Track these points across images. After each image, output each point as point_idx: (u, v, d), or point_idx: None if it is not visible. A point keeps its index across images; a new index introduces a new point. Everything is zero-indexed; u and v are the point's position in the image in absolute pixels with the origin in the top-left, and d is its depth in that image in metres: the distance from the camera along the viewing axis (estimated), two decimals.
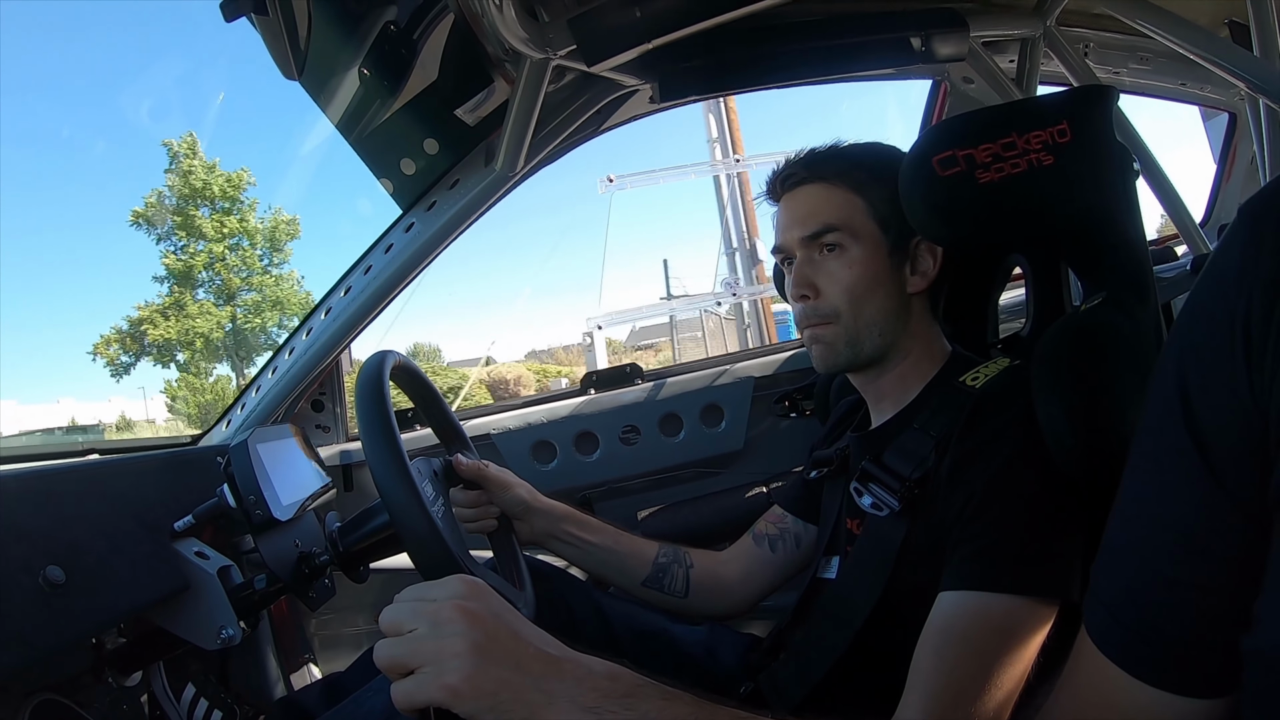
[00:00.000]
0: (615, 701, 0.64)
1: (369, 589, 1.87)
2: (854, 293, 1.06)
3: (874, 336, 1.07)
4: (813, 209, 1.09)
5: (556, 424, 1.91)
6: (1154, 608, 0.49)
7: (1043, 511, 0.88)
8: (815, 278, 1.08)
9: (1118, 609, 0.51)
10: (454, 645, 0.64)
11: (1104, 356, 0.91)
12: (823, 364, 1.11)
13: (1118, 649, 0.51)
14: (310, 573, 1.20)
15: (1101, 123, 1.08)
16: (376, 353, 1.04)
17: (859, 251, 1.06)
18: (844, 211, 1.07)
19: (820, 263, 1.08)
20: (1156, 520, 0.49)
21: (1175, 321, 0.49)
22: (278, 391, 1.74)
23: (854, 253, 1.06)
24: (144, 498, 1.22)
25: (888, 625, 0.97)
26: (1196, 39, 1.53)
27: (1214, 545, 0.46)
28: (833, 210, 1.08)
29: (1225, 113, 2.26)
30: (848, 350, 1.07)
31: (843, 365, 1.10)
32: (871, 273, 1.06)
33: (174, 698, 1.35)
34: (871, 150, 1.14)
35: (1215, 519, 0.46)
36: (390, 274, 1.66)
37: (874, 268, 1.07)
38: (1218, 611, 0.46)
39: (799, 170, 1.12)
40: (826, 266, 1.07)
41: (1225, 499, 0.45)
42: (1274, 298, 0.42)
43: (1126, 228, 1.07)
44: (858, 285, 1.06)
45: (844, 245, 1.06)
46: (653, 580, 1.32)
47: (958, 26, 1.63)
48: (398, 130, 1.57)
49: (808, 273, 1.08)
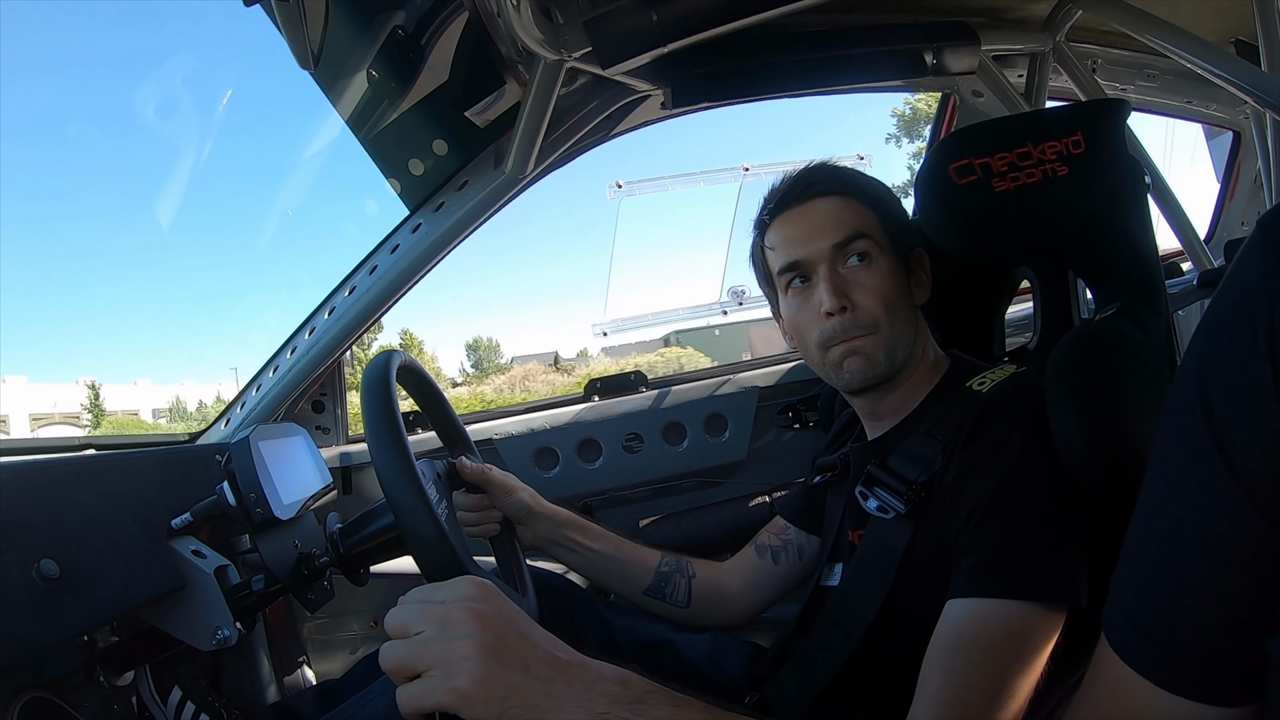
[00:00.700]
0: (625, 707, 0.63)
1: (366, 594, 1.87)
2: (888, 303, 1.04)
3: (906, 347, 1.06)
4: (841, 218, 1.06)
5: (559, 430, 1.90)
6: (1178, 615, 0.48)
7: (1050, 517, 0.87)
8: (850, 290, 1.04)
9: (1139, 617, 0.51)
10: (462, 648, 0.62)
11: (1119, 366, 0.91)
12: (861, 377, 1.05)
13: (1140, 657, 0.51)
14: (309, 574, 1.18)
15: (1114, 135, 1.08)
16: (383, 352, 1.02)
17: (886, 262, 1.06)
18: (869, 223, 1.07)
19: (851, 275, 1.05)
20: (1179, 528, 0.49)
21: (1195, 332, 0.49)
22: (279, 391, 1.72)
23: (882, 263, 1.05)
24: (141, 494, 1.20)
25: (893, 635, 0.97)
26: (1205, 54, 1.54)
27: (1238, 552, 0.46)
28: (860, 220, 1.06)
29: (1229, 131, 2.28)
30: (886, 361, 1.04)
31: (880, 377, 1.06)
32: (898, 284, 1.06)
33: (160, 701, 1.32)
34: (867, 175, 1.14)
35: (1239, 525, 0.45)
36: (396, 275, 1.65)
37: (898, 279, 1.06)
38: (1242, 618, 0.46)
39: (822, 180, 1.09)
40: (858, 278, 1.05)
41: (1250, 505, 0.45)
42: None
43: (1138, 238, 1.07)
44: (890, 295, 1.04)
45: (872, 255, 1.05)
46: (654, 589, 1.30)
47: (969, 40, 1.64)
48: (407, 130, 1.57)
49: (841, 286, 1.04)
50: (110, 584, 1.04)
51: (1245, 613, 0.46)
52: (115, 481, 1.18)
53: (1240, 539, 0.45)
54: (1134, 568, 0.53)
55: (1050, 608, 0.84)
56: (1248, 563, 0.45)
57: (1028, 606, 0.83)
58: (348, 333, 1.70)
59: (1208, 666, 0.48)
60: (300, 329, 1.77)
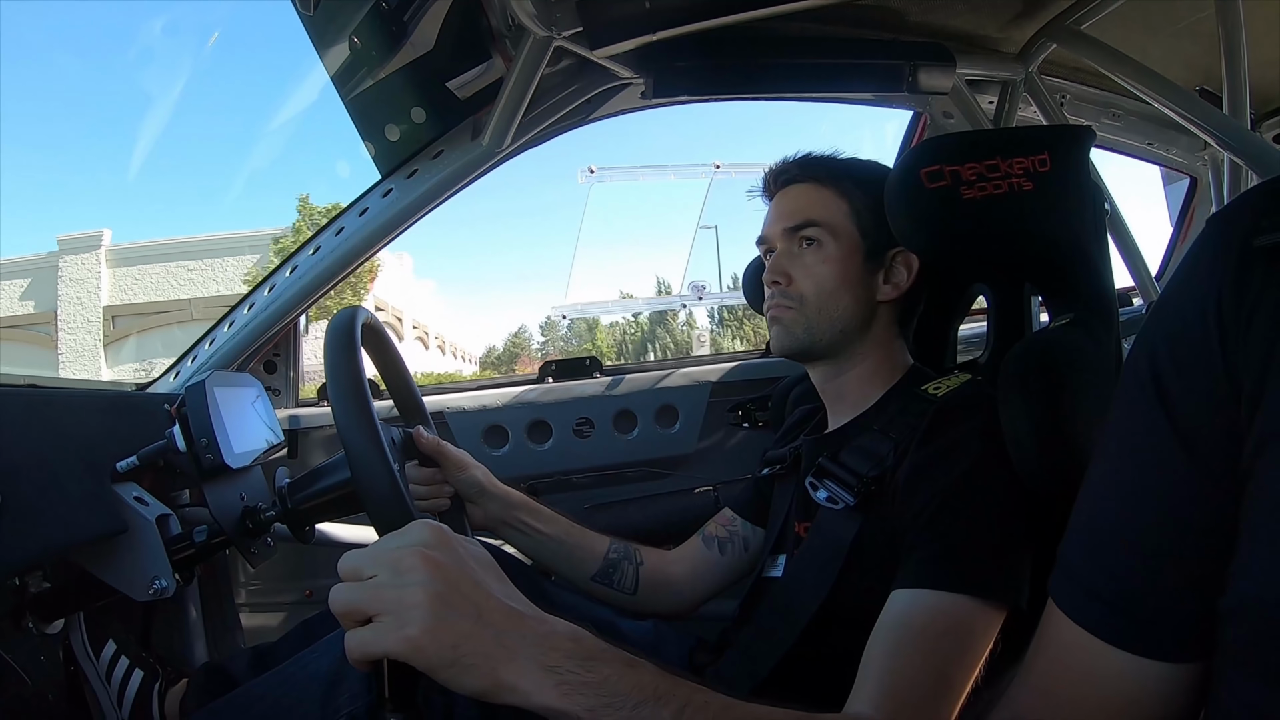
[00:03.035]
0: (578, 663, 0.63)
1: (301, 563, 1.84)
2: (822, 286, 1.13)
3: (833, 331, 1.13)
4: (799, 205, 1.16)
5: (511, 409, 1.90)
6: (1130, 575, 0.51)
7: (999, 519, 0.90)
8: (790, 267, 1.15)
9: (1090, 579, 0.53)
10: (414, 595, 0.61)
11: (1071, 373, 0.94)
12: (778, 344, 1.17)
13: (1092, 617, 0.53)
14: (254, 528, 1.16)
15: (1079, 159, 1.12)
16: (348, 307, 1.01)
17: (835, 249, 1.13)
18: (827, 211, 1.14)
19: (797, 255, 1.15)
20: (1131, 493, 0.52)
21: (1145, 319, 0.53)
22: (232, 346, 1.69)
23: (830, 249, 1.13)
24: (87, 435, 1.17)
25: (835, 626, 0.98)
26: (1172, 95, 1.60)
27: (1189, 516, 0.49)
28: (817, 208, 1.15)
29: (1187, 177, 2.36)
30: (804, 336, 1.14)
31: (796, 350, 1.16)
32: (843, 271, 1.13)
33: (93, 655, 1.29)
34: (862, 163, 1.21)
35: (1189, 491, 0.49)
36: (362, 238, 1.63)
37: (846, 267, 1.13)
38: (1192, 577, 0.49)
39: (793, 169, 1.20)
40: (803, 259, 1.15)
41: (1199, 472, 0.48)
42: (1243, 281, 0.47)
43: (1096, 257, 1.11)
44: (828, 280, 1.13)
45: (822, 241, 1.14)
46: (602, 575, 1.31)
47: (945, 62, 1.68)
48: (387, 95, 1.55)
49: (784, 262, 1.16)
50: (50, 521, 1.01)
51: (1196, 572, 0.48)
52: (60, 419, 1.14)
53: (1190, 502, 0.49)
54: (1085, 534, 0.55)
55: (993, 605, 0.86)
56: (1197, 524, 0.48)
57: (973, 601, 0.85)
58: (308, 292, 1.67)
59: (1158, 625, 0.50)
60: (259, 286, 1.74)
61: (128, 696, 1.28)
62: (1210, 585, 0.47)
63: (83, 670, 1.28)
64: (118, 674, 1.29)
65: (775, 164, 1.23)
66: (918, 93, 1.69)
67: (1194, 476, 0.48)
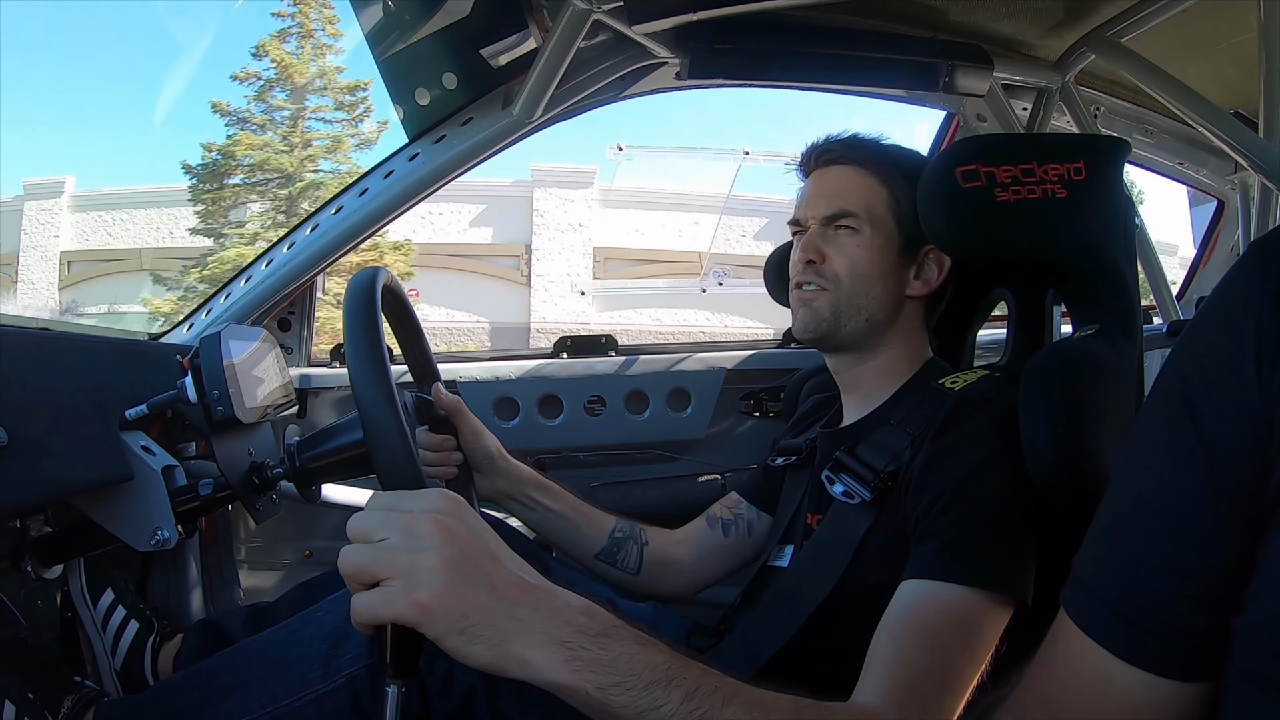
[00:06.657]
0: (589, 639, 0.63)
1: (303, 523, 1.84)
2: (856, 270, 1.10)
3: (860, 320, 1.11)
4: (839, 189, 1.13)
5: (524, 381, 1.89)
6: (1145, 593, 0.50)
7: (1009, 514, 0.90)
8: (825, 247, 1.12)
9: (1105, 592, 0.52)
10: (427, 560, 0.61)
11: (1093, 384, 0.95)
12: (802, 328, 1.14)
13: (1103, 629, 0.52)
14: (261, 484, 1.16)
15: (1114, 171, 1.12)
16: (369, 267, 1.00)
17: (874, 238, 1.11)
18: (868, 198, 1.12)
19: (833, 237, 1.12)
20: (1152, 511, 0.51)
21: (1177, 342, 0.52)
22: (248, 301, 1.68)
23: (866, 236, 1.11)
24: (98, 379, 1.16)
25: (840, 619, 0.98)
26: (1208, 114, 1.58)
27: (1206, 537, 0.48)
28: (857, 195, 1.12)
29: (1214, 200, 2.34)
30: (831, 320, 1.11)
31: (820, 335, 1.13)
32: (878, 260, 1.11)
33: (91, 602, 1.29)
34: (908, 152, 1.18)
35: (1210, 512, 0.48)
36: (385, 200, 1.62)
37: (881, 257, 1.11)
38: (1206, 597, 0.48)
39: (838, 148, 1.16)
40: (838, 240, 1.12)
41: (1224, 496, 0.47)
42: None
43: (1123, 269, 1.11)
44: (861, 265, 1.10)
45: (859, 229, 1.11)
46: (607, 554, 1.31)
47: (983, 64, 1.66)
48: (420, 59, 1.53)
49: (819, 242, 1.13)
50: (56, 461, 1.00)
51: (1211, 592, 0.47)
52: (72, 362, 1.14)
53: (1210, 524, 0.47)
54: (1102, 547, 0.54)
55: (1000, 600, 0.86)
56: (1217, 545, 0.47)
57: (980, 595, 0.85)
58: (328, 251, 1.66)
59: (1170, 643, 0.49)
60: (279, 242, 1.74)
61: (121, 646, 1.29)
62: (1226, 606, 0.46)
63: (79, 617, 1.27)
64: (113, 623, 1.30)
65: (818, 140, 1.19)
66: (953, 93, 1.68)
67: (1214, 499, 0.47)
